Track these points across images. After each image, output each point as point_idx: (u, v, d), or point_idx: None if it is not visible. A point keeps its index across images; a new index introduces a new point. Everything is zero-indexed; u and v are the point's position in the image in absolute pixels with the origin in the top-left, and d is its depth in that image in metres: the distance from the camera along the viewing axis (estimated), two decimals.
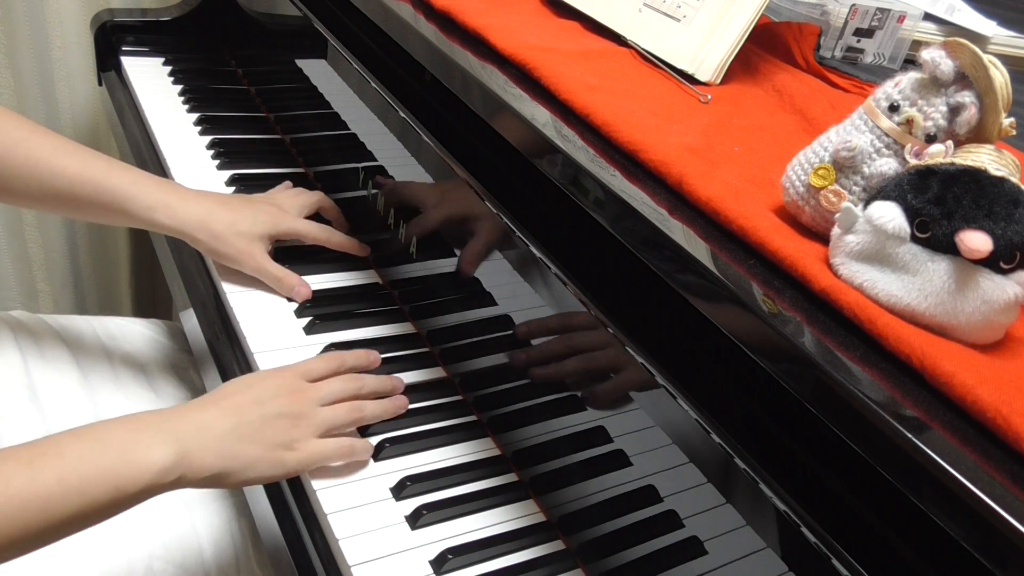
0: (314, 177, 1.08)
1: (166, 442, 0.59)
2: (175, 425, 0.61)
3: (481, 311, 0.78)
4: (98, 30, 1.28)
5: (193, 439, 0.61)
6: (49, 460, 0.54)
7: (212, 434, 0.62)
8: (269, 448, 0.65)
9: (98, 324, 1.01)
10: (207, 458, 0.61)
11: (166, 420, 0.62)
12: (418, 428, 0.75)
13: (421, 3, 0.81)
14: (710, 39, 0.73)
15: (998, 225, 0.43)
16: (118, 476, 0.56)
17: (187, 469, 0.60)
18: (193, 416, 0.63)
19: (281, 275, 0.87)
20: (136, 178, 0.83)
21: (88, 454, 0.56)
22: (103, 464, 0.56)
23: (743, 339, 0.48)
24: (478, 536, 0.67)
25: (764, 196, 0.55)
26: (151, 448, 0.58)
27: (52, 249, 1.51)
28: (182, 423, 0.62)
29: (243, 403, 0.66)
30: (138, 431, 0.59)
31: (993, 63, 0.46)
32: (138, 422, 0.61)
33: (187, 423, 0.62)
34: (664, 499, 0.60)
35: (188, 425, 0.62)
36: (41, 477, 0.53)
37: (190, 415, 0.63)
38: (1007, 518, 0.36)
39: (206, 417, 0.63)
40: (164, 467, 0.58)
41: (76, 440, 0.57)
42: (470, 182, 0.73)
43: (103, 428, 0.59)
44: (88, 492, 0.55)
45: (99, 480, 0.55)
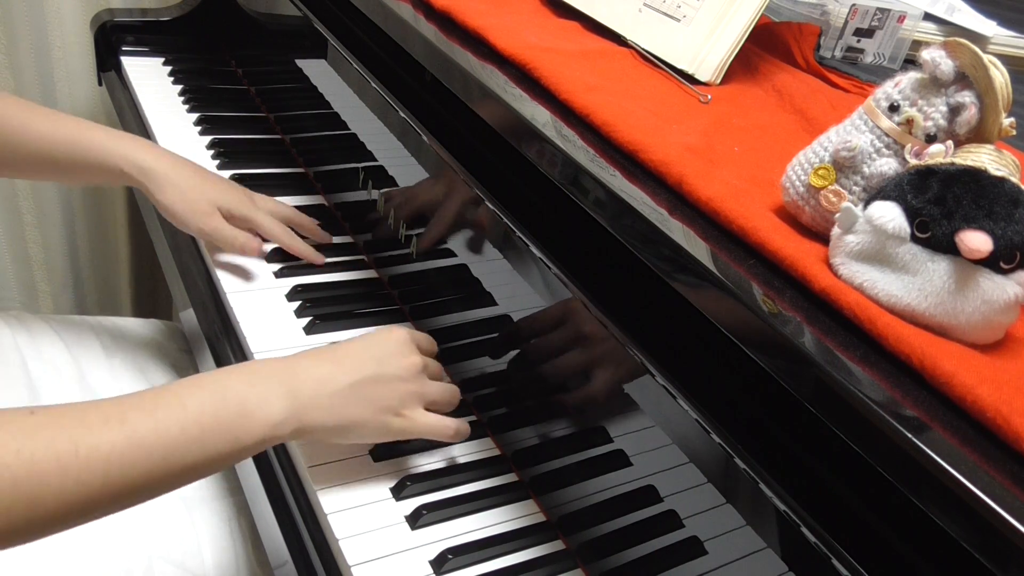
0: (314, 177, 1.08)
1: (283, 396, 0.61)
2: (293, 379, 0.62)
3: (481, 311, 0.78)
4: (98, 30, 1.28)
5: (309, 394, 0.62)
6: (172, 410, 0.56)
7: (328, 389, 0.63)
8: (379, 411, 0.66)
9: (98, 324, 1.01)
10: (321, 414, 0.63)
11: (285, 372, 0.63)
12: None
13: (421, 3, 0.81)
14: (710, 39, 0.73)
15: (998, 225, 0.43)
16: (236, 427, 0.58)
17: (301, 423, 0.61)
18: (312, 371, 0.64)
19: (234, 234, 0.89)
20: (109, 133, 0.86)
21: (208, 405, 0.57)
22: (222, 415, 0.57)
23: (743, 339, 0.48)
24: (478, 536, 0.67)
25: (764, 196, 0.55)
26: (269, 401, 0.60)
27: (52, 249, 1.51)
28: (300, 378, 0.63)
29: (362, 360, 0.67)
30: (256, 384, 0.61)
31: (993, 63, 0.46)
32: (257, 374, 0.62)
33: (305, 377, 0.63)
34: (664, 499, 0.60)
35: (306, 380, 0.63)
36: (164, 426, 0.54)
37: (309, 370, 0.64)
38: (1007, 518, 0.36)
39: (324, 372, 0.64)
40: (280, 420, 0.60)
41: (197, 390, 0.58)
42: (470, 182, 0.73)
43: (224, 378, 0.60)
44: (208, 442, 0.56)
45: (218, 431, 0.57)
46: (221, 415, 0.57)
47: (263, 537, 0.72)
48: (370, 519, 0.67)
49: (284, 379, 0.62)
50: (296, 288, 0.88)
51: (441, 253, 0.83)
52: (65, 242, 1.51)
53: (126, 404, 0.55)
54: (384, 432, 0.67)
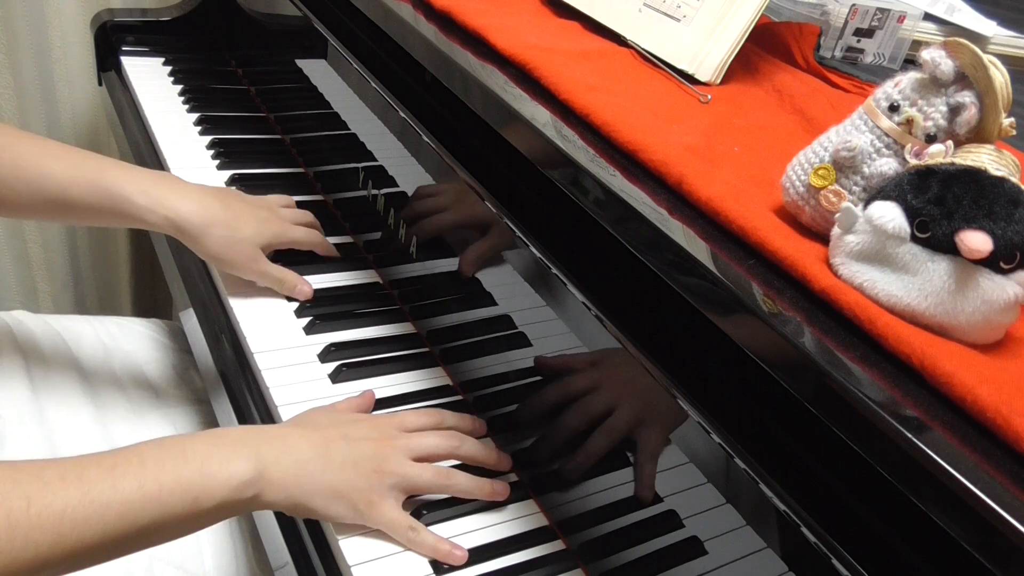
0: (314, 177, 1.08)
1: (246, 458, 0.59)
2: (257, 443, 0.61)
3: (481, 311, 0.78)
4: (98, 30, 1.28)
5: (273, 459, 0.60)
6: (131, 467, 0.54)
7: (293, 458, 0.61)
8: (345, 489, 0.63)
9: (98, 324, 1.01)
10: (285, 480, 0.60)
11: (249, 437, 0.61)
12: None
13: (421, 3, 0.81)
14: (710, 39, 0.73)
15: (998, 225, 0.43)
16: (195, 487, 0.56)
17: (264, 488, 0.59)
18: (277, 439, 0.62)
19: (282, 276, 0.86)
20: (131, 175, 0.80)
21: (168, 463, 0.56)
22: (183, 474, 0.56)
23: (743, 339, 0.48)
24: (478, 536, 0.67)
25: (764, 196, 0.55)
26: (230, 463, 0.58)
27: (52, 249, 1.51)
28: (265, 442, 0.61)
29: (330, 436, 0.65)
30: (219, 445, 0.59)
31: (993, 63, 0.46)
32: (221, 436, 0.61)
33: (270, 443, 0.61)
34: (664, 499, 0.60)
35: (271, 445, 0.61)
36: (122, 483, 0.53)
37: (275, 437, 0.63)
38: (1007, 518, 0.36)
39: (290, 442, 0.63)
40: (241, 482, 0.58)
41: (158, 450, 0.57)
42: (470, 182, 0.73)
43: (186, 440, 0.59)
44: (166, 502, 0.54)
45: (178, 490, 0.55)
46: (181, 474, 0.55)
47: (263, 538, 0.72)
48: None
49: (249, 443, 0.60)
50: None
51: (441, 253, 0.83)
52: (65, 242, 1.51)
53: (86, 462, 0.53)
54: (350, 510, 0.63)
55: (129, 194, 0.79)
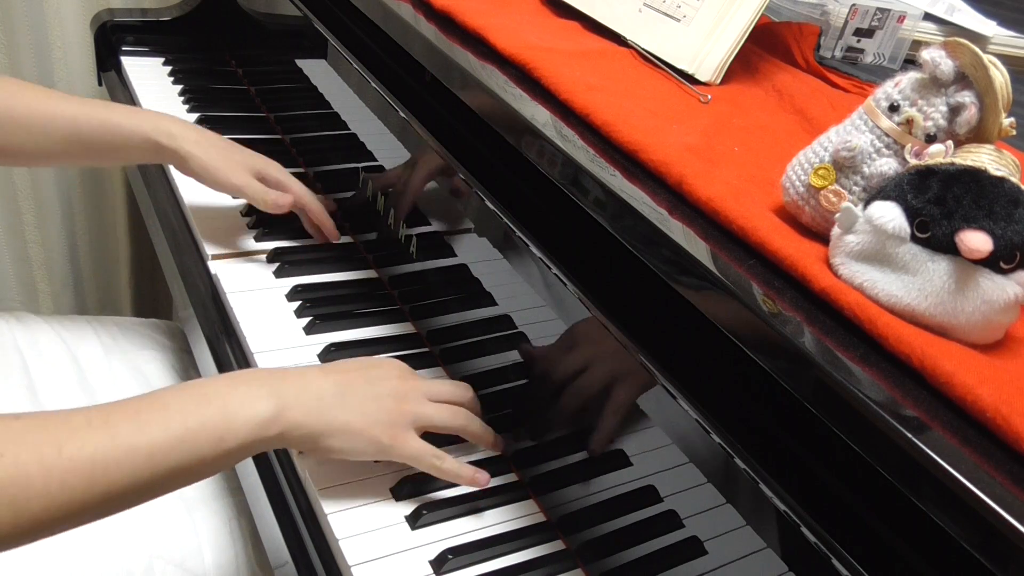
0: (314, 177, 1.08)
1: (265, 397, 0.60)
2: (276, 382, 0.62)
3: (481, 311, 0.78)
4: (98, 30, 1.28)
5: (293, 396, 0.61)
6: (154, 412, 0.55)
7: (313, 394, 0.63)
8: (367, 423, 0.64)
9: (98, 324, 1.01)
10: (306, 416, 0.62)
11: (269, 376, 0.63)
12: None
13: (421, 3, 0.81)
14: (710, 39, 0.73)
15: (998, 225, 0.43)
16: (219, 427, 0.57)
17: (285, 425, 0.60)
18: (296, 375, 0.64)
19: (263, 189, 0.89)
20: (133, 109, 0.89)
21: (191, 406, 0.57)
22: (206, 416, 0.57)
23: (743, 339, 0.48)
24: (478, 536, 0.67)
25: (764, 196, 0.55)
26: (251, 402, 0.59)
27: (52, 249, 1.51)
28: (284, 381, 0.63)
29: (352, 376, 0.66)
30: (238, 386, 0.60)
31: (993, 63, 0.46)
32: (239, 378, 0.62)
33: (289, 381, 0.63)
34: (664, 499, 0.60)
35: (290, 383, 0.63)
36: (147, 428, 0.54)
37: (294, 374, 0.64)
38: (1007, 518, 0.36)
39: (309, 378, 0.64)
40: (263, 420, 0.59)
41: (179, 393, 0.58)
42: (470, 182, 0.73)
43: (205, 383, 0.60)
44: (192, 443, 0.56)
45: (203, 432, 0.56)
46: (204, 415, 0.57)
47: (263, 537, 0.72)
48: (370, 519, 0.67)
49: (268, 382, 0.62)
50: (296, 288, 0.88)
51: (441, 253, 0.83)
52: (65, 242, 1.51)
53: (110, 408, 0.55)
54: (373, 446, 0.65)
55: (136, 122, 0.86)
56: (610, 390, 0.64)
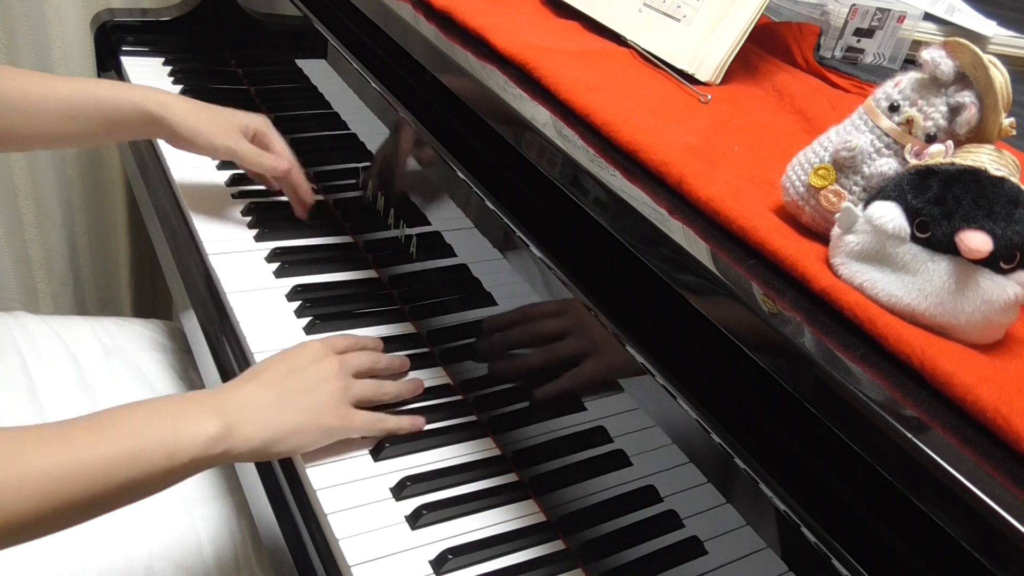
0: (314, 177, 1.08)
1: (213, 416, 0.62)
2: (220, 400, 0.65)
3: (481, 311, 0.78)
4: (98, 30, 1.28)
5: (238, 412, 0.64)
6: (107, 429, 0.58)
7: (255, 405, 0.65)
8: (311, 415, 0.68)
9: (98, 324, 1.01)
10: (253, 429, 0.64)
11: (212, 396, 0.65)
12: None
13: (421, 3, 0.81)
14: (710, 39, 0.73)
15: (998, 225, 0.43)
16: (169, 445, 0.59)
17: (233, 440, 0.63)
18: (237, 392, 0.67)
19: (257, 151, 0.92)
20: (121, 83, 0.93)
21: (142, 424, 0.59)
22: (157, 433, 0.59)
23: (743, 339, 0.48)
24: (478, 536, 0.67)
25: (764, 196, 0.55)
26: (199, 421, 0.61)
27: (52, 249, 1.51)
28: (227, 398, 0.65)
29: (281, 374, 0.69)
30: (186, 405, 0.63)
31: (993, 63, 0.46)
32: (186, 398, 0.64)
33: (232, 398, 0.65)
34: (664, 499, 0.60)
35: (233, 399, 0.65)
36: (103, 443, 0.56)
37: (234, 391, 0.67)
38: (1007, 518, 0.36)
39: (248, 390, 0.67)
40: (211, 438, 0.61)
41: (131, 412, 0.60)
42: (470, 182, 0.73)
43: (153, 403, 0.63)
44: (145, 459, 0.58)
45: (153, 448, 0.58)
46: (156, 433, 0.59)
47: (263, 537, 0.72)
48: (370, 519, 0.67)
49: (213, 401, 0.64)
50: (296, 288, 0.88)
51: (441, 253, 0.83)
52: (65, 242, 1.51)
53: (65, 424, 0.57)
54: (323, 434, 0.68)
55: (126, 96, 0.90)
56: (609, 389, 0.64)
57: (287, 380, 0.68)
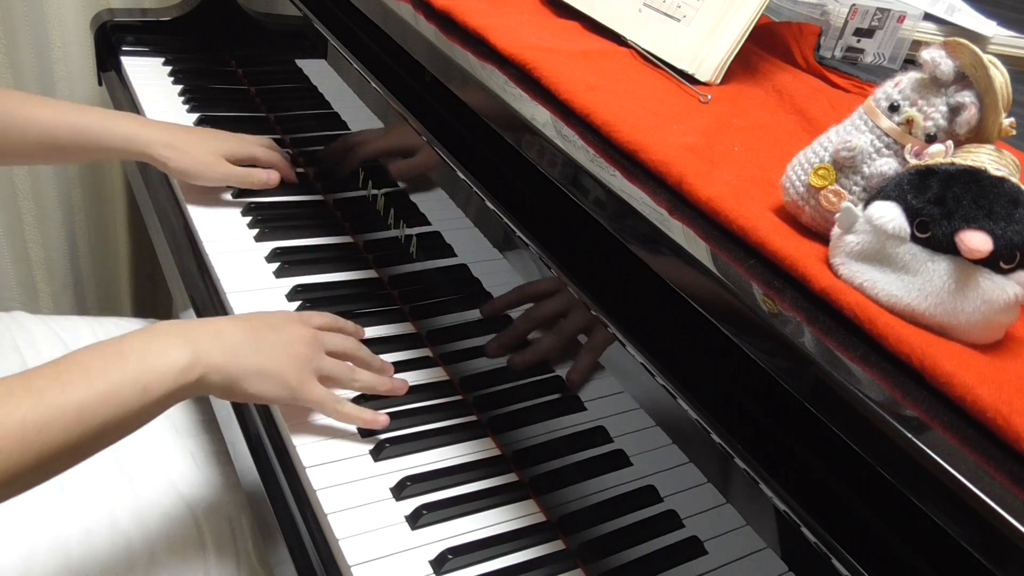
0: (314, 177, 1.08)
1: (183, 345, 0.62)
2: (189, 331, 0.64)
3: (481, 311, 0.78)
4: (98, 30, 1.28)
5: (208, 342, 0.64)
6: (75, 372, 0.57)
7: (226, 340, 0.65)
8: (278, 364, 0.68)
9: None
10: (223, 359, 0.64)
11: (179, 327, 0.65)
12: (418, 428, 0.75)
13: (421, 3, 0.81)
14: (710, 39, 0.73)
15: (998, 225, 0.43)
16: (142, 378, 0.59)
17: (205, 368, 0.63)
18: (207, 324, 0.67)
19: (247, 172, 0.97)
20: (105, 113, 0.93)
21: (111, 363, 0.59)
22: (127, 370, 0.59)
23: (743, 339, 0.48)
24: (478, 536, 0.67)
25: (764, 196, 0.55)
26: (169, 351, 0.61)
27: (52, 249, 1.51)
28: (196, 329, 0.65)
29: (259, 325, 0.69)
30: (154, 338, 0.63)
31: (993, 63, 0.46)
32: (152, 331, 0.64)
33: (201, 329, 0.65)
34: (664, 499, 0.60)
35: (203, 330, 0.65)
36: (70, 388, 0.56)
37: (204, 323, 0.67)
38: (1007, 518, 0.36)
39: (220, 326, 0.67)
40: (183, 366, 0.61)
41: (96, 352, 0.60)
42: (470, 182, 0.73)
43: (119, 340, 0.62)
44: (117, 397, 0.57)
45: (125, 384, 0.58)
46: (126, 370, 0.59)
47: (263, 536, 0.72)
48: (370, 519, 0.67)
49: (181, 332, 0.64)
50: (296, 288, 0.88)
51: (441, 253, 0.83)
52: (65, 242, 1.51)
53: (29, 374, 0.56)
54: (284, 388, 0.68)
55: (107, 129, 0.92)
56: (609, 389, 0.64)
57: (259, 326, 0.69)
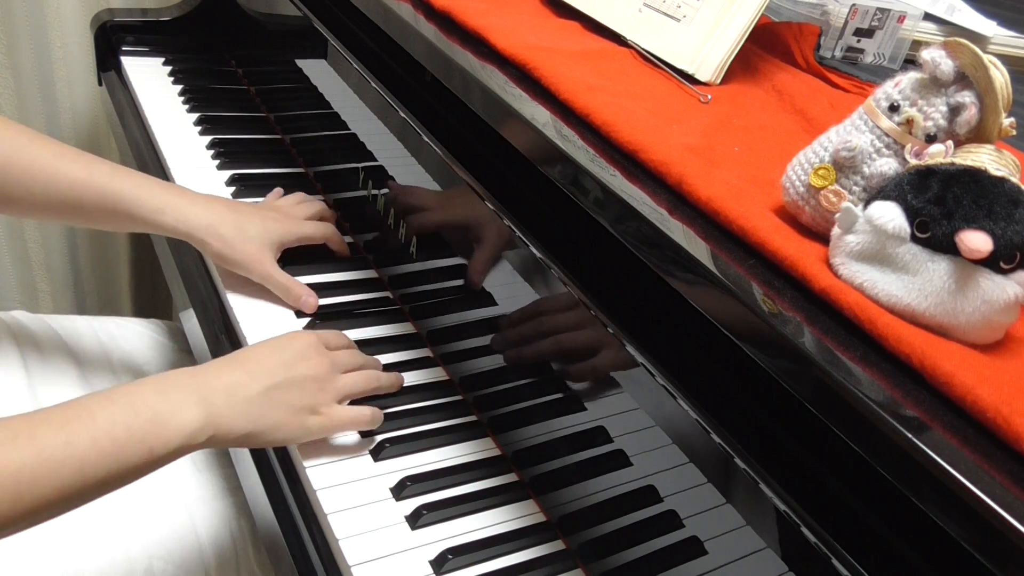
0: (314, 177, 1.08)
1: (196, 404, 0.60)
2: (205, 387, 0.62)
3: (481, 311, 0.78)
4: (98, 30, 1.28)
5: (222, 401, 0.62)
6: (82, 423, 0.55)
7: (241, 396, 0.63)
8: (295, 412, 0.66)
9: (98, 324, 1.01)
10: (236, 420, 0.62)
11: (195, 381, 0.62)
12: (418, 428, 0.75)
13: (421, 3, 0.81)
14: (710, 39, 0.73)
15: (998, 225, 0.43)
16: (149, 437, 0.57)
17: (216, 430, 0.61)
18: (223, 378, 0.64)
19: (289, 284, 0.85)
20: (141, 181, 0.82)
21: (120, 417, 0.56)
22: (135, 427, 0.57)
23: (743, 339, 0.48)
24: (478, 536, 0.67)
25: (764, 196, 0.55)
26: (182, 411, 0.59)
27: (52, 249, 1.51)
28: (211, 385, 0.63)
29: (271, 366, 0.67)
30: (168, 393, 0.60)
31: (993, 63, 0.46)
32: (168, 384, 0.61)
33: (216, 385, 0.63)
34: (664, 499, 0.60)
35: (218, 387, 0.63)
36: (75, 440, 0.54)
37: (219, 376, 0.64)
38: (1007, 518, 0.36)
39: (235, 379, 0.64)
40: (194, 430, 0.59)
41: (108, 403, 0.57)
42: (470, 182, 0.73)
43: (133, 391, 0.60)
44: (121, 454, 0.56)
45: (132, 443, 0.56)
46: (133, 426, 0.57)
47: (263, 537, 0.72)
48: (370, 519, 0.67)
49: (196, 388, 0.61)
50: None
51: (441, 253, 0.83)
52: (65, 242, 1.51)
53: (35, 420, 0.54)
54: (304, 432, 0.67)
55: (139, 197, 0.81)
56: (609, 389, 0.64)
57: (273, 371, 0.66)
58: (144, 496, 0.80)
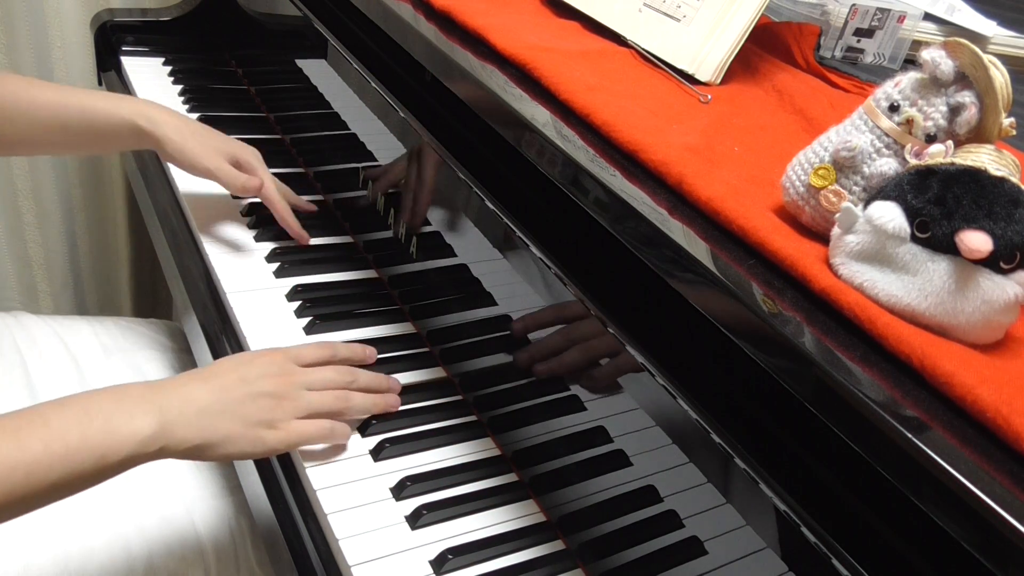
0: (314, 177, 1.08)
1: (148, 412, 0.60)
2: (159, 397, 0.62)
3: (481, 311, 0.78)
4: (98, 30, 1.28)
5: (175, 411, 0.62)
6: (35, 429, 0.55)
7: (194, 408, 0.63)
8: (249, 425, 0.65)
9: (98, 324, 1.01)
10: (188, 431, 0.62)
11: (151, 392, 0.63)
12: (418, 428, 0.75)
13: (421, 3, 0.81)
14: (710, 39, 0.73)
15: (998, 225, 0.43)
16: (101, 445, 0.57)
17: (168, 440, 0.61)
18: (178, 389, 0.64)
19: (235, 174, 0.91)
20: (114, 95, 0.91)
21: (73, 423, 0.57)
22: (88, 433, 0.57)
23: (743, 339, 0.48)
24: (478, 536, 0.67)
25: (764, 196, 0.55)
26: (134, 418, 0.59)
27: (52, 249, 1.51)
28: (166, 395, 0.63)
29: (229, 381, 0.67)
30: (122, 401, 0.60)
31: (993, 63, 0.46)
32: (123, 393, 0.62)
33: (171, 396, 0.63)
34: (664, 499, 0.60)
35: (172, 397, 0.63)
36: (27, 444, 0.54)
37: (176, 388, 0.64)
38: (1007, 518, 0.36)
39: (190, 391, 0.64)
40: (145, 437, 0.59)
41: (61, 409, 0.58)
42: (470, 182, 0.73)
43: (88, 398, 0.60)
44: (73, 460, 0.56)
45: (83, 449, 0.56)
46: (87, 433, 0.57)
47: (263, 537, 0.72)
48: (370, 519, 0.67)
49: (151, 398, 0.62)
50: (296, 288, 0.88)
51: (441, 253, 0.83)
52: (65, 242, 1.51)
53: None
54: (260, 445, 0.66)
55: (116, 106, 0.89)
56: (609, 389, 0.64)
57: (230, 384, 0.66)
58: (145, 495, 0.80)
